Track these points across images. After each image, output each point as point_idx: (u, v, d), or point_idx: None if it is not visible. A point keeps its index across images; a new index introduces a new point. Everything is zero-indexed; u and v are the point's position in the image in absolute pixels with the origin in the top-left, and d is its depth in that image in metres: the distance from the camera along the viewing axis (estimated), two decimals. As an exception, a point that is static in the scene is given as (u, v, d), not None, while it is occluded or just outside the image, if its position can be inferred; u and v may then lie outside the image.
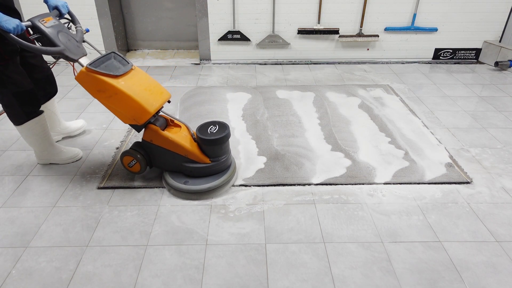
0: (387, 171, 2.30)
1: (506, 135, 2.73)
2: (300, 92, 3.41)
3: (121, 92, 1.90)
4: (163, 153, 2.11)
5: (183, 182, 2.09)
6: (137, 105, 1.93)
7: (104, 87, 1.90)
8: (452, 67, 4.12)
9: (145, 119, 1.99)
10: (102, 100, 1.96)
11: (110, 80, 1.89)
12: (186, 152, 2.07)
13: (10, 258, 1.72)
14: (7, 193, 2.13)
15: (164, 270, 1.66)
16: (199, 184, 2.08)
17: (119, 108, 1.96)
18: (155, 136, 2.07)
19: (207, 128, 2.10)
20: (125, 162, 2.18)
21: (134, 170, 2.19)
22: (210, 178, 2.11)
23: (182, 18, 4.38)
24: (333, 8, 3.98)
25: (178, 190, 2.09)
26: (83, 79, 1.91)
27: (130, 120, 2.01)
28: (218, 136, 2.04)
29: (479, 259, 1.72)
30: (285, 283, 1.60)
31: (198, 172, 2.11)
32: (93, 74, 1.87)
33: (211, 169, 2.11)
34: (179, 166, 2.12)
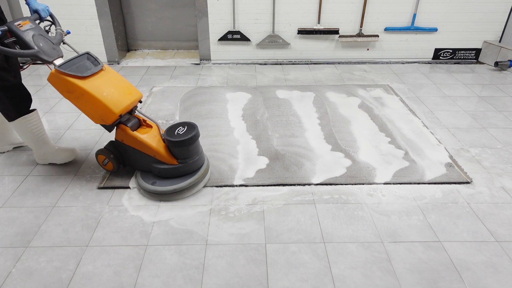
0: (387, 171, 2.30)
1: (506, 135, 2.73)
2: (300, 92, 3.41)
3: (87, 93, 1.93)
4: (134, 153, 2.14)
5: (151, 183, 2.09)
6: (102, 105, 1.96)
7: (72, 88, 1.94)
8: (452, 67, 4.12)
9: (111, 120, 2.01)
10: (72, 101, 2.01)
11: (77, 81, 1.93)
12: (153, 153, 2.07)
13: (10, 258, 1.72)
14: (7, 193, 2.13)
15: (164, 270, 1.66)
16: (166, 186, 2.06)
17: (87, 108, 2.00)
18: (125, 136, 2.10)
19: (175, 130, 2.08)
20: (100, 160, 2.24)
21: (108, 168, 2.24)
22: (177, 180, 2.09)
23: (182, 18, 4.38)
24: (333, 8, 3.98)
25: (146, 190, 2.09)
26: (53, 80, 1.96)
27: (99, 120, 2.04)
28: (184, 138, 2.01)
29: (479, 259, 1.72)
30: (285, 283, 1.60)
31: (166, 173, 2.10)
32: (62, 76, 1.93)
33: (179, 171, 2.09)
34: (148, 166, 2.13)
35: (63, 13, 3.90)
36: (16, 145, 2.53)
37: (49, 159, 2.36)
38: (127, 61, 4.23)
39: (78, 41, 4.07)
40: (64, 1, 3.84)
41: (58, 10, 3.88)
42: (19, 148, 2.54)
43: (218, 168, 2.32)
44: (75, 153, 2.42)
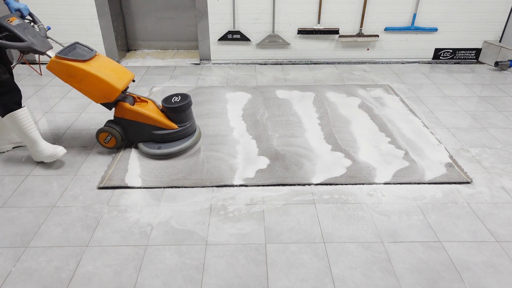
0: (387, 171, 2.30)
1: (506, 135, 2.73)
2: (300, 92, 3.41)
3: (90, 74, 2.16)
4: (135, 126, 2.41)
5: (157, 148, 2.39)
6: (106, 84, 2.20)
7: (74, 72, 2.15)
8: (452, 67, 4.12)
9: (115, 96, 2.26)
10: (74, 84, 2.20)
11: (79, 64, 2.15)
12: (155, 122, 2.37)
13: (10, 258, 1.72)
14: (7, 193, 2.13)
15: (164, 270, 1.66)
16: (172, 147, 2.39)
17: (90, 89, 2.21)
18: (126, 111, 2.36)
19: (171, 99, 2.42)
20: (101, 139, 2.42)
21: (110, 145, 2.44)
22: (178, 142, 2.42)
23: (182, 18, 4.38)
24: (333, 8, 3.98)
25: (154, 155, 2.38)
26: (54, 67, 2.14)
27: (101, 99, 2.27)
28: (182, 104, 2.37)
29: (479, 259, 1.72)
30: (285, 283, 1.60)
31: (168, 138, 2.41)
32: (63, 61, 2.12)
33: (179, 134, 2.43)
34: (150, 135, 2.42)
35: (63, 13, 3.90)
36: (16, 145, 2.52)
37: (39, 157, 2.33)
38: (127, 61, 4.23)
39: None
40: (64, 1, 3.84)
41: (58, 10, 3.89)
42: (19, 148, 2.54)
43: (218, 168, 2.32)
44: (60, 153, 2.32)
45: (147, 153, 2.40)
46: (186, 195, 2.11)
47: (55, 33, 3.99)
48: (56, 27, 3.97)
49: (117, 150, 2.51)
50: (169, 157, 2.39)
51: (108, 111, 3.05)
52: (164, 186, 2.17)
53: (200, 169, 2.31)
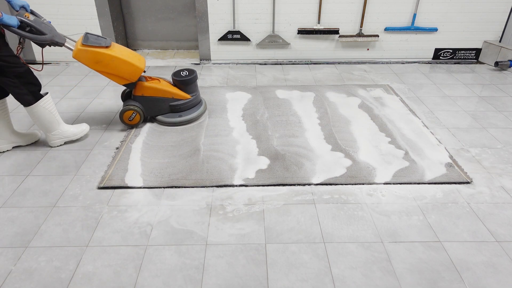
0: (387, 171, 2.30)
1: (506, 135, 2.73)
2: (300, 92, 3.41)
3: (116, 58, 2.43)
4: (154, 101, 2.74)
5: (177, 116, 2.79)
6: (131, 65, 2.49)
7: (101, 57, 2.39)
8: (452, 67, 4.12)
9: (138, 76, 2.57)
10: (101, 69, 2.43)
11: (103, 50, 2.39)
12: (172, 94, 2.75)
13: (10, 258, 1.72)
14: (7, 193, 2.13)
15: (164, 270, 1.66)
16: (190, 114, 2.82)
17: (116, 71, 2.48)
18: (145, 89, 2.68)
19: (180, 73, 2.82)
20: (126, 117, 2.68)
21: (134, 122, 2.71)
22: (193, 110, 2.85)
23: (182, 18, 4.38)
24: (333, 8, 3.98)
25: (177, 123, 2.78)
26: (82, 55, 2.36)
27: (125, 81, 2.56)
28: (191, 76, 2.80)
29: (479, 259, 1.72)
30: (285, 283, 1.60)
31: (185, 106, 2.80)
32: (90, 49, 2.35)
33: (192, 102, 2.85)
34: (167, 108, 2.78)
35: (63, 13, 3.90)
36: (15, 144, 2.52)
37: (65, 137, 2.54)
38: (127, 61, 4.23)
39: (78, 41, 4.07)
40: (64, 1, 3.84)
41: (58, 10, 3.89)
42: (19, 148, 2.54)
43: (218, 168, 2.32)
44: (87, 127, 2.64)
45: (171, 123, 2.77)
46: (186, 195, 2.11)
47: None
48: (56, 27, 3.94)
49: (117, 149, 2.51)
50: (189, 122, 2.81)
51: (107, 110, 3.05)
52: (164, 186, 2.17)
53: (200, 169, 2.31)
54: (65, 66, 4.05)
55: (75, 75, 3.79)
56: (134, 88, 2.67)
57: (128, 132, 2.73)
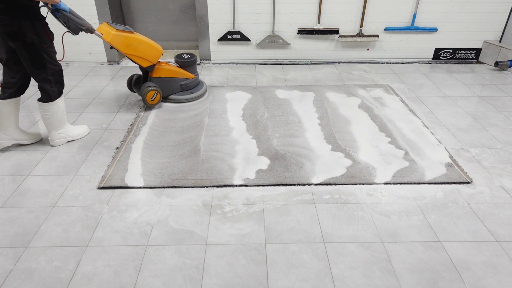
0: (387, 171, 2.30)
1: (506, 135, 2.73)
2: (300, 92, 3.41)
3: (143, 41, 2.80)
4: (169, 81, 3.10)
5: (189, 93, 3.20)
6: (154, 48, 2.87)
7: (131, 41, 2.73)
8: (452, 67, 4.12)
9: (158, 57, 2.92)
10: (130, 52, 2.75)
11: (132, 35, 2.74)
12: (182, 74, 3.16)
13: (10, 258, 1.72)
14: (7, 193, 2.13)
15: (164, 270, 1.66)
16: (198, 91, 3.25)
17: (142, 54, 2.82)
18: (162, 70, 3.03)
19: (182, 56, 3.22)
20: (149, 97, 2.94)
21: (156, 101, 3.00)
22: (198, 87, 3.28)
23: (182, 18, 4.38)
24: (333, 8, 3.98)
25: (189, 99, 3.18)
26: (116, 40, 2.68)
27: (148, 62, 2.89)
28: (193, 58, 3.21)
29: (479, 259, 1.72)
30: (285, 283, 1.60)
31: (192, 84, 3.23)
32: (122, 34, 2.70)
33: (196, 81, 3.28)
34: (178, 87, 3.16)
35: (63, 13, 3.90)
36: (17, 142, 2.53)
37: (69, 137, 2.59)
38: (127, 61, 4.23)
39: (78, 41, 4.06)
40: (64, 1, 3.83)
41: (58, 10, 3.88)
42: (19, 148, 2.54)
43: (218, 168, 2.32)
44: (88, 129, 2.73)
45: (187, 99, 3.16)
46: (186, 195, 2.11)
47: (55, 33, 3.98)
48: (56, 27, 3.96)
49: (117, 149, 2.51)
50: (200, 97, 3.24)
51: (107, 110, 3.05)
52: (164, 186, 2.17)
53: (200, 169, 2.31)
54: (65, 66, 4.05)
55: (75, 75, 3.79)
56: (151, 71, 2.97)
57: (128, 132, 2.73)
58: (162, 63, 3.05)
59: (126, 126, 2.81)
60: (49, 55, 2.31)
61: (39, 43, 2.22)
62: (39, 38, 2.22)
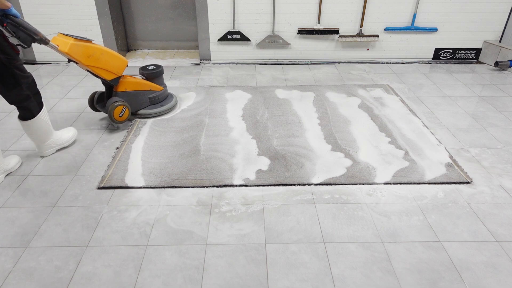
0: (387, 171, 2.30)
1: (506, 135, 2.73)
2: (300, 92, 3.41)
3: (105, 50, 2.52)
4: (137, 95, 2.85)
5: (160, 106, 2.96)
6: (118, 58, 2.60)
7: (92, 51, 2.45)
8: (452, 67, 4.12)
9: (124, 69, 2.66)
10: (92, 63, 2.46)
11: (93, 44, 2.46)
12: (150, 86, 2.92)
13: (10, 258, 1.72)
14: (7, 193, 2.13)
15: (164, 270, 1.66)
16: (169, 103, 3.02)
17: (106, 65, 2.54)
18: (128, 84, 2.77)
19: (147, 68, 2.98)
20: (116, 114, 2.66)
21: (124, 117, 2.73)
22: (168, 100, 3.05)
23: (182, 18, 4.38)
24: (333, 8, 3.98)
25: (161, 112, 2.93)
26: (74, 50, 2.37)
27: (113, 75, 2.61)
28: (160, 69, 2.99)
29: (479, 259, 1.72)
30: (285, 283, 1.60)
31: (161, 96, 3.00)
32: (81, 43, 2.40)
33: (165, 93, 3.05)
34: (147, 100, 2.92)
35: (63, 13, 3.90)
36: (7, 172, 2.27)
37: (59, 145, 2.48)
38: (127, 61, 4.23)
39: (78, 41, 4.06)
40: (64, 1, 3.84)
41: (58, 10, 3.89)
42: (19, 148, 2.54)
43: (218, 168, 2.32)
44: (76, 132, 2.60)
45: (156, 113, 2.91)
46: (186, 195, 2.11)
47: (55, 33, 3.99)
48: (56, 27, 3.97)
49: (117, 149, 2.51)
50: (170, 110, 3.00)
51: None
52: (164, 186, 2.17)
53: (200, 169, 2.31)
54: (65, 66, 4.05)
55: (75, 75, 3.79)
56: (116, 85, 2.71)
57: (128, 132, 2.73)
58: (127, 76, 2.78)
59: (126, 126, 2.81)
60: (19, 69, 2.07)
61: (9, 61, 1.99)
62: (7, 55, 1.98)
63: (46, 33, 2.32)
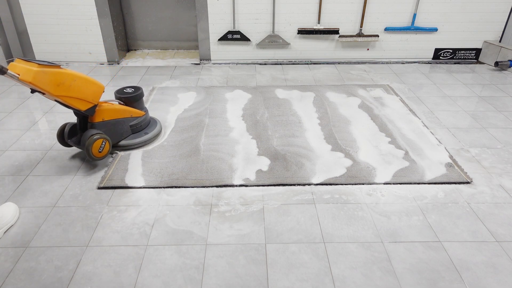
0: (387, 171, 2.30)
1: (506, 135, 2.73)
2: (300, 92, 3.41)
3: (78, 76, 2.08)
4: (116, 124, 2.44)
5: (144, 135, 2.55)
6: (93, 83, 2.18)
7: (62, 78, 2.00)
8: (452, 67, 4.12)
9: (100, 95, 2.24)
10: (62, 92, 2.03)
11: (62, 70, 2.01)
12: (131, 113, 2.50)
13: (10, 258, 1.72)
14: (7, 193, 2.13)
15: (164, 270, 1.66)
16: (153, 129, 2.62)
17: (79, 93, 2.11)
18: (105, 112, 2.35)
19: (124, 91, 2.57)
20: (96, 149, 2.24)
21: (104, 152, 2.30)
22: (151, 125, 2.66)
23: (182, 18, 4.38)
24: (333, 8, 3.98)
25: (145, 141, 2.54)
26: (40, 78, 1.91)
27: (88, 104, 2.19)
28: (140, 91, 2.58)
29: (479, 259, 1.72)
30: (285, 283, 1.60)
31: (143, 123, 2.59)
32: (48, 70, 1.94)
33: (147, 118, 2.64)
34: (128, 129, 2.51)
35: (63, 13, 3.90)
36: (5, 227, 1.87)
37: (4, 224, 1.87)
38: (127, 61, 4.23)
39: (78, 41, 4.07)
40: (64, 1, 3.84)
41: (58, 10, 3.89)
42: (19, 148, 2.54)
43: (218, 168, 2.32)
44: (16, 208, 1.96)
45: (141, 142, 2.52)
46: (186, 195, 2.11)
47: (55, 33, 4.00)
48: (56, 27, 3.97)
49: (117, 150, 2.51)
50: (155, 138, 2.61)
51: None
52: (164, 186, 2.17)
53: (200, 169, 2.31)
54: (65, 66, 4.05)
55: (75, 75, 3.79)
56: (92, 115, 2.28)
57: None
58: (103, 103, 2.36)
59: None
60: None
61: None
62: None
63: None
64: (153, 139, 2.59)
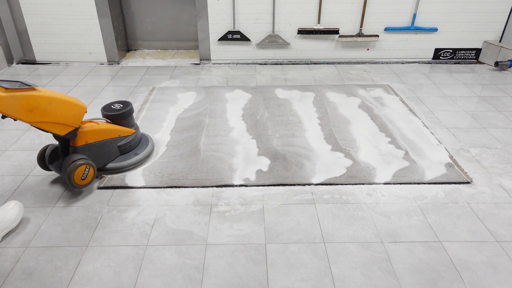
0: (387, 171, 2.30)
1: (506, 135, 2.73)
2: (300, 92, 3.41)
3: (54, 98, 1.83)
4: (102, 147, 2.17)
5: (133, 156, 2.30)
6: (72, 105, 1.94)
7: (36, 102, 1.77)
8: (452, 67, 4.12)
9: (82, 117, 2.01)
10: (37, 118, 1.80)
11: (36, 93, 1.76)
12: (119, 132, 2.24)
13: (10, 258, 1.72)
14: (7, 193, 2.12)
15: (164, 270, 1.66)
16: (144, 149, 2.36)
17: (57, 117, 1.88)
18: (89, 134, 2.10)
19: (111, 107, 2.31)
20: (78, 177, 2.01)
21: (88, 180, 2.07)
22: (142, 144, 2.40)
23: (182, 18, 4.38)
24: (333, 8, 3.98)
25: (135, 163, 2.29)
26: (9, 104, 1.69)
27: (68, 128, 1.95)
28: (130, 107, 2.31)
29: (479, 259, 1.72)
30: (285, 283, 1.60)
31: (133, 142, 2.32)
32: (17, 94, 1.69)
33: (138, 136, 2.38)
34: (115, 150, 2.26)
35: (63, 13, 3.90)
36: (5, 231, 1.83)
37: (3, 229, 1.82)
38: (127, 61, 4.23)
39: (78, 41, 4.07)
40: (64, 1, 3.84)
41: (58, 10, 3.89)
42: (19, 148, 2.54)
43: (218, 168, 2.32)
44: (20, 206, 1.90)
45: (130, 165, 2.26)
46: (186, 195, 2.11)
47: (55, 33, 4.00)
48: (56, 27, 3.97)
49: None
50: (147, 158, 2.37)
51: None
52: (164, 186, 2.17)
53: (200, 169, 2.31)
54: (65, 66, 4.05)
55: (75, 75, 3.80)
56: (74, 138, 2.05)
57: None
58: (86, 124, 2.10)
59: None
60: None
61: None
62: None
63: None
64: (144, 160, 2.33)
